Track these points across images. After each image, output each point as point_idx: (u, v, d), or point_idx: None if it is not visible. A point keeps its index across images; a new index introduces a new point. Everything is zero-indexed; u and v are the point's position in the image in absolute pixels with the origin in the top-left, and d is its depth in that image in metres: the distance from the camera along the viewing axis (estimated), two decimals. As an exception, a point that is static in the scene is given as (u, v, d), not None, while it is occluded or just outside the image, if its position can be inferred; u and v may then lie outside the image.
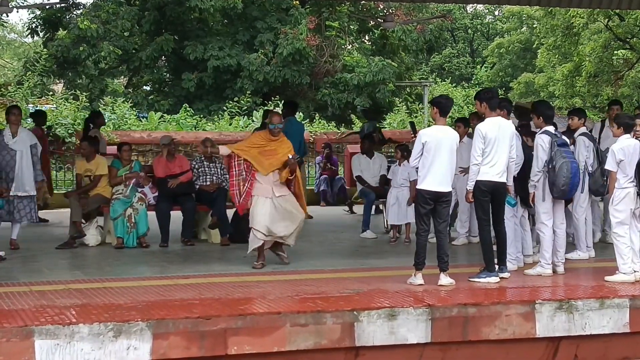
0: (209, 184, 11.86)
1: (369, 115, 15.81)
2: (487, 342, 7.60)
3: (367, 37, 29.07)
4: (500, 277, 8.64)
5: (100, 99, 25.39)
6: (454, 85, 38.82)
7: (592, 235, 10.59)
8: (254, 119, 23.26)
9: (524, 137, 9.41)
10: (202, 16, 25.67)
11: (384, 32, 26.16)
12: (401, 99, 29.09)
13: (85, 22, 23.53)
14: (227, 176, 12.16)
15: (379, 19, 24.10)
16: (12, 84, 25.08)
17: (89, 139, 12.09)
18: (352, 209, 16.28)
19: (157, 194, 11.81)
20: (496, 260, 8.73)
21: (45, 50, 25.56)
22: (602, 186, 9.89)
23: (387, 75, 25.53)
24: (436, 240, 8.56)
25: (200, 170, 11.94)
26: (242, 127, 22.53)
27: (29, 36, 29.00)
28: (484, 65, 48.77)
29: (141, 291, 8.00)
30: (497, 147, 8.58)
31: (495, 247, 8.82)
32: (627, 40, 29.71)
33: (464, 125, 11.31)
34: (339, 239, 12.58)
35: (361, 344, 7.24)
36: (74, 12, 26.45)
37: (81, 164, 11.74)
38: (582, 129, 10.50)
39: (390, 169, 12.33)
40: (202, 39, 25.43)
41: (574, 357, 7.93)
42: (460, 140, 8.98)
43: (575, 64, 30.45)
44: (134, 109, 24.41)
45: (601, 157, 10.04)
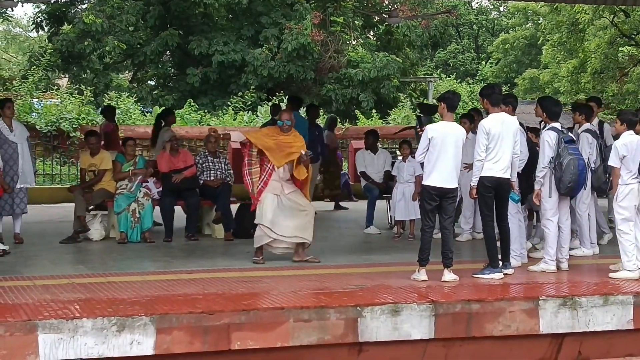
0: (213, 179, 11.85)
1: (425, 110, 15.56)
2: (490, 338, 7.60)
3: (371, 33, 29.01)
4: (504, 274, 8.64)
5: (104, 94, 25.40)
6: (458, 81, 38.82)
7: (596, 232, 10.57)
8: (258, 114, 23.27)
9: (528, 133, 9.39)
10: (207, 11, 25.65)
11: (389, 27, 26.13)
12: (406, 95, 29.08)
13: (90, 17, 23.51)
14: (231, 171, 12.21)
15: (384, 15, 24.03)
16: (17, 78, 25.11)
17: (95, 134, 12.09)
18: (339, 204, 16.26)
19: (161, 188, 11.83)
20: (500, 256, 8.73)
21: (50, 44, 25.58)
22: (604, 183, 9.88)
23: (391, 70, 25.51)
24: (441, 236, 8.56)
25: (204, 165, 11.93)
26: (246, 123, 22.54)
27: (34, 30, 28.99)
28: (489, 61, 48.71)
29: (145, 286, 8.01)
30: (501, 143, 8.56)
31: (498, 243, 8.81)
32: (633, 36, 29.63)
33: (470, 121, 11.29)
34: (343, 234, 12.58)
35: (364, 340, 7.25)
36: (79, 7, 26.43)
37: (85, 158, 11.74)
38: (586, 125, 10.48)
39: (394, 165, 12.31)
40: (206, 34, 25.43)
41: (577, 353, 7.93)
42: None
43: (580, 60, 30.38)
44: (139, 103, 24.43)
45: (604, 153, 10.03)
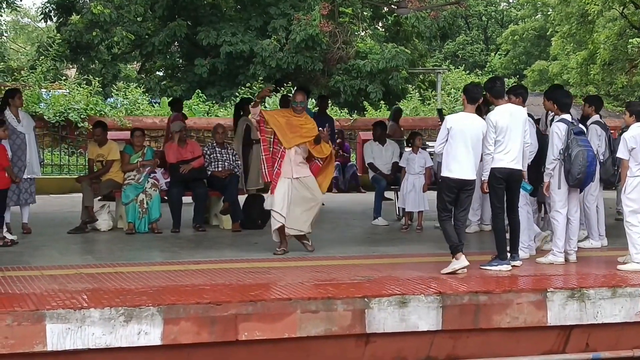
0: (220, 170, 11.86)
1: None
2: (498, 330, 7.59)
3: (380, 24, 28.94)
4: (512, 265, 8.62)
5: (113, 84, 25.42)
6: (467, 72, 38.68)
7: (604, 224, 10.53)
8: (266, 105, 23.24)
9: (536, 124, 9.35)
10: (215, 2, 25.62)
11: (398, 18, 26.05)
12: (414, 86, 29.01)
13: (98, 7, 23.48)
14: (239, 162, 12.21)
15: (393, 6, 23.92)
16: (25, 69, 25.14)
17: (101, 124, 12.10)
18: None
19: (168, 179, 11.83)
20: (508, 248, 8.71)
21: (58, 35, 25.57)
22: (612, 175, 9.84)
23: (400, 62, 25.43)
24: (454, 226, 8.50)
25: (212, 156, 11.93)
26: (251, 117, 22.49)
27: (42, 21, 28.95)
28: (498, 52, 48.57)
29: (152, 276, 8.02)
30: (510, 134, 8.53)
31: (507, 235, 8.79)
32: (643, 28, 29.51)
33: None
34: (351, 225, 12.57)
35: (372, 331, 7.24)
36: (88, -3, 26.41)
37: (93, 149, 11.75)
38: (595, 117, 10.43)
39: (403, 156, 12.24)
40: (215, 24, 25.38)
41: (585, 345, 7.91)
42: None
43: (589, 52, 30.25)
44: (147, 94, 24.43)
45: (613, 145, 9.98)
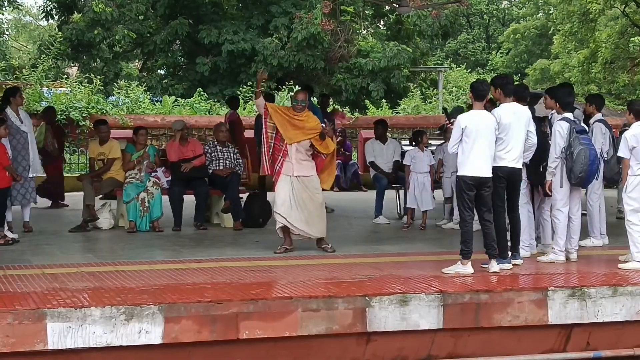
0: (222, 168, 11.86)
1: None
2: (499, 328, 7.59)
3: (382, 22, 28.93)
4: (513, 264, 8.61)
5: (114, 83, 25.38)
6: (469, 71, 38.65)
7: (605, 222, 10.52)
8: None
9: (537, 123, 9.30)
10: (217, 0, 25.59)
11: (399, 17, 26.01)
12: (416, 85, 28.98)
13: (99, 6, 23.44)
14: (240, 161, 12.21)
15: (394, 4, 23.90)
16: (26, 67, 25.13)
17: (105, 122, 12.11)
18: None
19: (170, 178, 11.84)
20: (509, 246, 8.71)
21: (59, 33, 25.53)
22: (617, 174, 9.82)
23: (401, 60, 25.39)
24: (482, 228, 8.48)
25: (213, 154, 11.93)
26: (255, 112, 22.50)
27: (44, 19, 28.95)
28: (500, 51, 48.52)
29: (153, 275, 8.03)
30: (512, 133, 8.52)
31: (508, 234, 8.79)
32: (644, 27, 29.48)
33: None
34: (352, 224, 12.58)
35: (373, 330, 7.24)
36: (89, -5, 26.41)
37: (94, 147, 11.76)
38: (598, 116, 10.42)
39: (407, 154, 12.19)
40: (216, 23, 25.34)
41: (586, 344, 7.91)
42: None
43: (591, 51, 30.22)
44: (148, 92, 24.43)
45: (617, 144, 9.96)
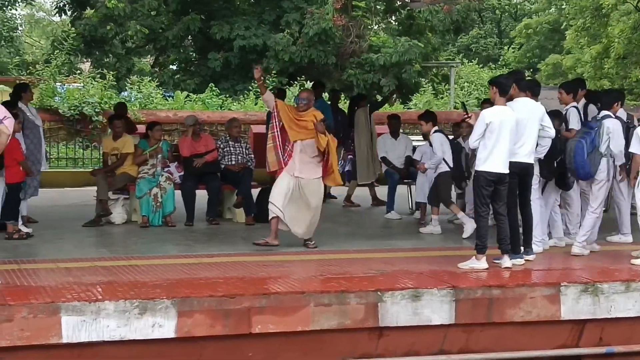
0: (234, 163, 11.89)
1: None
2: (511, 324, 7.59)
3: (393, 18, 28.89)
4: (525, 259, 8.61)
5: (126, 78, 25.43)
6: (480, 66, 38.54)
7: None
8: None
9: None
10: (229, -4, 25.63)
11: (411, 12, 25.97)
12: (427, 80, 28.93)
13: (112, 1, 23.46)
14: (252, 156, 12.23)
15: (406, -1, 23.93)
16: (40, 63, 25.22)
17: (120, 117, 12.13)
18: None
19: (182, 173, 11.87)
20: (522, 242, 8.71)
21: (72, 29, 25.57)
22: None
23: (413, 55, 25.30)
24: (496, 222, 8.50)
25: (225, 149, 11.96)
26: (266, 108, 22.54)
27: (57, 15, 29.01)
28: (512, 46, 48.35)
29: (166, 269, 8.06)
30: (526, 128, 8.52)
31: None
32: (658, 21, 29.34)
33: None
34: (364, 219, 12.58)
35: (385, 325, 7.26)
36: (101, -9, 26.46)
37: (108, 142, 11.80)
38: (573, 104, 10.12)
39: (419, 149, 12.17)
40: (228, 18, 25.32)
41: (598, 340, 7.91)
42: None
43: (604, 46, 30.09)
44: (160, 88, 24.46)
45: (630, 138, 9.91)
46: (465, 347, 7.59)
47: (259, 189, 11.98)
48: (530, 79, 9.90)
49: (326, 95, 17.03)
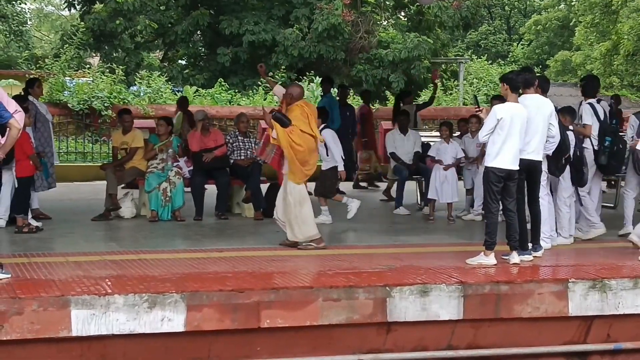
0: (243, 158, 11.91)
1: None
2: (519, 320, 7.60)
3: (402, 13, 28.87)
4: (533, 256, 8.62)
5: (136, 73, 25.51)
6: (489, 62, 38.46)
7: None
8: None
9: (560, 115, 9.28)
10: (238, -9, 25.65)
11: (420, 8, 25.96)
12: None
13: (122, -4, 23.58)
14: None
15: (415, -5, 23.92)
16: (49, 57, 25.30)
17: (129, 112, 12.16)
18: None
19: (192, 167, 11.90)
20: (530, 238, 8.72)
21: (82, 23, 25.70)
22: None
23: (422, 51, 25.36)
24: (505, 219, 8.51)
25: (234, 145, 11.99)
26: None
27: (66, 9, 29.15)
28: (521, 42, 48.30)
29: (175, 263, 8.09)
30: (534, 125, 8.51)
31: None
32: (668, 18, 29.29)
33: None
34: (372, 215, 12.59)
35: (393, 320, 7.27)
36: (111, -15, 26.51)
37: (117, 136, 11.83)
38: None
39: (433, 146, 12.14)
40: (237, 13, 25.40)
41: (606, 336, 7.91)
42: None
43: (613, 42, 30.06)
44: (169, 83, 24.53)
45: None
46: (473, 343, 7.60)
47: (268, 184, 12.00)
48: (539, 75, 9.85)
49: (335, 90, 17.01)
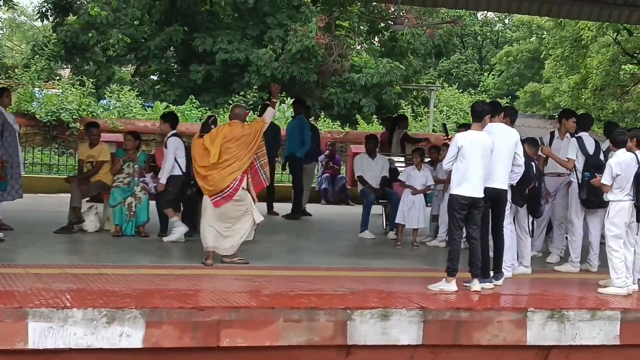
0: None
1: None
2: (478, 347, 7.62)
3: (376, 39, 29.09)
4: (494, 284, 8.68)
5: (106, 86, 25.43)
6: (460, 91, 38.84)
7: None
8: (258, 114, 23.30)
9: (524, 145, 9.36)
10: (213, 9, 25.71)
11: (394, 34, 26.20)
12: (407, 102, 29.13)
13: (95, 9, 23.53)
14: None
15: (389, 21, 24.10)
16: (19, 67, 25.13)
17: (97, 125, 12.10)
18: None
19: (157, 183, 11.83)
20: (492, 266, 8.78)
21: (54, 34, 25.64)
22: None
23: (394, 77, 25.58)
24: (469, 246, 8.52)
25: (202, 162, 11.93)
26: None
27: (39, 20, 29.01)
28: (492, 72, 48.82)
29: (137, 279, 8.03)
30: (499, 154, 8.58)
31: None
32: (635, 55, 29.73)
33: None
34: (338, 238, 12.61)
35: (353, 343, 7.26)
36: (85, -2, 26.49)
37: (84, 149, 11.77)
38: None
39: (405, 171, 12.18)
40: (211, 31, 25.48)
41: (563, 366, 7.96)
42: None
43: (582, 76, 30.46)
44: (140, 97, 24.47)
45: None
46: (431, 369, 7.62)
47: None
48: (507, 105, 9.96)
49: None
